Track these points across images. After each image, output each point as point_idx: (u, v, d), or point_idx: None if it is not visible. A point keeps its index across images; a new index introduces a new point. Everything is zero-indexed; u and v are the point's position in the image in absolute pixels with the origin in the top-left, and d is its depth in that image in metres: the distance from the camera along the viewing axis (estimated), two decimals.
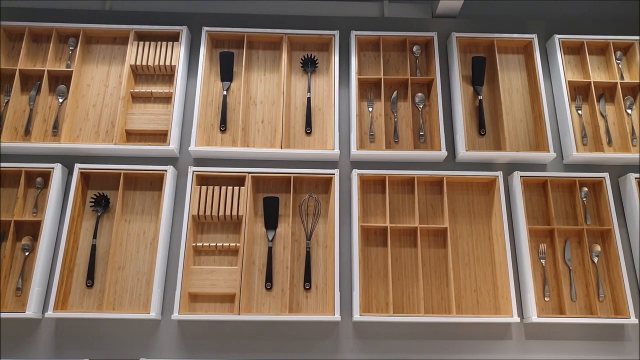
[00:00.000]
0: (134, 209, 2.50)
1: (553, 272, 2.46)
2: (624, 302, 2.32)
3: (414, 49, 2.80)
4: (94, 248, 2.40)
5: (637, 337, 2.35)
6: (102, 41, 2.78)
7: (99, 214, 2.46)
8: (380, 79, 2.69)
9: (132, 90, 2.66)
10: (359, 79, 2.69)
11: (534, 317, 2.28)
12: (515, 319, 2.28)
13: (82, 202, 2.47)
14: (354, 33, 2.75)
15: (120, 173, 2.47)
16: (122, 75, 2.69)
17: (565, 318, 2.30)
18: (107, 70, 2.72)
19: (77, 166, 2.45)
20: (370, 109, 2.71)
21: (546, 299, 2.41)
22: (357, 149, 2.54)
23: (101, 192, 2.48)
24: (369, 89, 2.75)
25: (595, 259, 2.47)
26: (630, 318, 2.29)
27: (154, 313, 2.24)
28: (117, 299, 2.35)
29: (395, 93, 2.73)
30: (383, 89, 2.68)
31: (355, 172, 2.50)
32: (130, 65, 2.65)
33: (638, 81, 2.71)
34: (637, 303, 2.40)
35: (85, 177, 2.50)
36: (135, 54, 2.67)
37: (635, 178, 2.52)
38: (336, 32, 2.74)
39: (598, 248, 2.48)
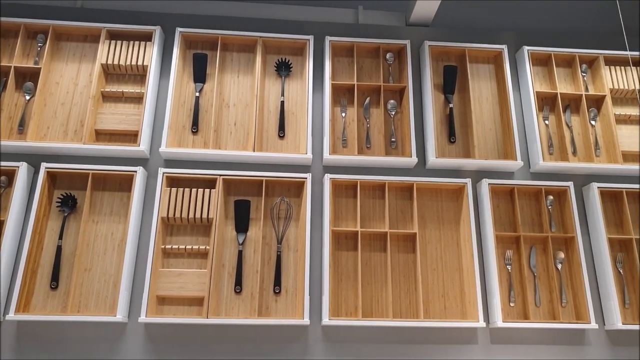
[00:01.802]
0: (102, 210, 2.45)
1: (518, 278, 2.52)
2: (585, 307, 2.39)
3: (387, 56, 2.83)
4: (59, 249, 2.35)
5: (597, 341, 2.42)
6: (72, 38, 2.73)
7: (66, 214, 2.41)
8: (354, 84, 2.71)
9: (102, 90, 2.62)
10: (332, 84, 2.70)
11: (499, 322, 2.33)
12: (481, 323, 2.32)
13: (48, 202, 2.42)
14: (328, 38, 2.77)
15: (89, 173, 2.43)
16: (92, 74, 2.64)
17: (529, 323, 2.36)
18: (77, 68, 2.67)
19: (44, 165, 2.40)
20: (343, 114, 2.73)
21: (511, 304, 2.47)
22: (329, 154, 2.55)
23: (68, 192, 2.43)
24: (342, 95, 2.77)
25: (559, 266, 2.54)
26: (590, 323, 2.36)
27: (120, 316, 2.21)
28: (83, 302, 2.30)
29: (368, 99, 2.76)
30: (356, 95, 2.71)
31: (327, 177, 2.51)
32: (102, 64, 2.61)
33: (602, 94, 2.80)
34: (598, 308, 2.47)
35: (52, 176, 2.45)
36: (106, 52, 2.63)
37: (598, 187, 2.60)
38: (311, 37, 2.76)
39: (562, 255, 2.55)
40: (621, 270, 2.55)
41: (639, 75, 2.87)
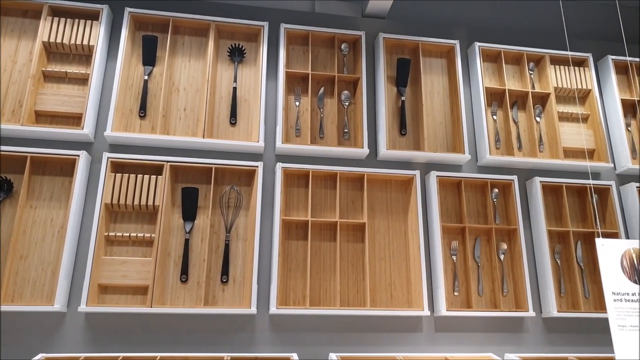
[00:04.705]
0: (41, 195, 2.34)
1: (463, 268, 2.59)
2: (524, 296, 2.49)
3: (342, 46, 2.83)
4: None
5: (535, 328, 2.53)
6: (10, 13, 2.57)
7: (0, 199, 2.29)
8: (308, 74, 2.70)
9: (44, 69, 2.49)
10: (286, 72, 2.68)
11: (443, 310, 2.39)
12: (426, 312, 2.38)
13: None
14: (283, 26, 2.73)
15: (27, 156, 2.31)
16: (33, 52, 2.51)
17: (472, 312, 2.43)
18: (16, 45, 2.53)
19: None
20: (297, 103, 2.71)
21: (455, 293, 2.54)
22: (282, 143, 2.53)
23: (4, 176, 2.31)
24: (296, 83, 2.75)
25: (502, 257, 2.63)
26: (529, 311, 2.46)
27: (58, 305, 2.12)
28: (18, 291, 2.20)
29: (322, 89, 2.75)
30: (310, 84, 2.69)
31: (279, 166, 2.49)
32: (43, 42, 2.48)
33: (547, 91, 2.90)
34: (536, 297, 2.58)
35: None
36: (49, 30, 2.50)
37: (540, 182, 2.70)
38: (265, 24, 2.72)
39: (504, 246, 2.64)
40: (558, 261, 2.66)
41: (580, 75, 2.99)
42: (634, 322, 1.90)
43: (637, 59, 3.06)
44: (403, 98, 2.80)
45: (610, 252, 1.96)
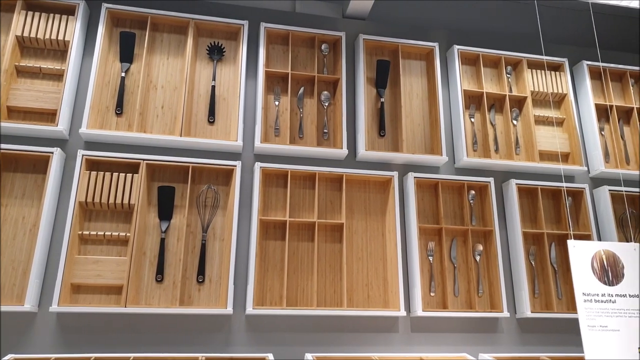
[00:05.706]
0: (12, 193, 2.30)
1: (439, 268, 2.61)
2: (499, 297, 2.52)
3: (323, 46, 2.83)
4: None
5: (509, 329, 2.56)
6: None
7: None
8: (288, 73, 2.69)
9: (17, 64, 2.44)
10: (266, 71, 2.67)
11: (419, 311, 2.41)
12: (402, 312, 2.39)
13: None
14: (263, 25, 2.72)
15: None
16: (6, 46, 2.45)
17: (447, 312, 2.45)
18: None
19: None
20: (277, 103, 2.70)
21: (432, 294, 2.56)
22: (261, 142, 2.52)
23: None
24: (276, 83, 2.74)
25: (478, 258, 2.66)
26: (503, 312, 2.49)
27: (29, 305, 2.08)
28: None
29: (302, 89, 2.75)
30: (290, 84, 2.69)
31: (257, 165, 2.48)
32: (17, 36, 2.43)
33: (524, 95, 2.94)
34: (511, 298, 2.61)
35: None
36: (22, 24, 2.45)
37: (516, 184, 2.74)
38: (245, 22, 2.70)
39: (480, 247, 2.67)
40: (533, 262, 2.70)
41: (556, 79, 3.04)
42: (603, 323, 1.94)
43: (611, 65, 3.13)
44: (382, 99, 2.82)
45: (581, 254, 2.00)
